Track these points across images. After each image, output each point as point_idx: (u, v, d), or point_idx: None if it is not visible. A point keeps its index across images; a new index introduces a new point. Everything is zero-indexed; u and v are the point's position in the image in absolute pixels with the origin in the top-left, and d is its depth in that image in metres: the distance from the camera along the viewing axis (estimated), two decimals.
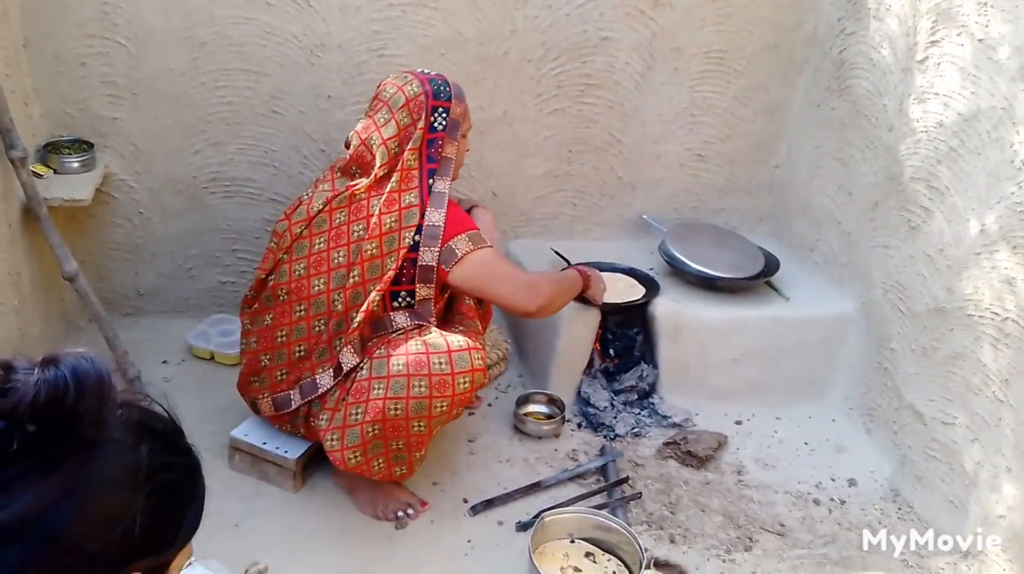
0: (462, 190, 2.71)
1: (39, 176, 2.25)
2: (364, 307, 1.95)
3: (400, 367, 1.87)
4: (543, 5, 2.54)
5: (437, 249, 1.96)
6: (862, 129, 2.55)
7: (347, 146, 2.08)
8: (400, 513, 2.06)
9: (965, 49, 2.13)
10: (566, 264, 2.70)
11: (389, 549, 1.99)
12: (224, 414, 2.26)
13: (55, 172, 2.32)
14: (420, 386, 1.85)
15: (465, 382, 1.89)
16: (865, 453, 2.44)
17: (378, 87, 2.07)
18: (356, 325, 1.95)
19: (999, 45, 2.03)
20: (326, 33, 2.44)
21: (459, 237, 1.98)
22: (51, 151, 2.34)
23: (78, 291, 2.28)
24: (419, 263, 1.97)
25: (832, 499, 2.27)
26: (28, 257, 2.28)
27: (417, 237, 1.96)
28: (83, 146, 2.39)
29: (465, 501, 2.15)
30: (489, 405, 2.53)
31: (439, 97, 2.01)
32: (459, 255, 1.96)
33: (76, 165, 2.34)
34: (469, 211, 2.29)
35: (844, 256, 2.65)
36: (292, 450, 2.09)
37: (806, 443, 2.49)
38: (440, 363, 1.87)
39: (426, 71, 2.06)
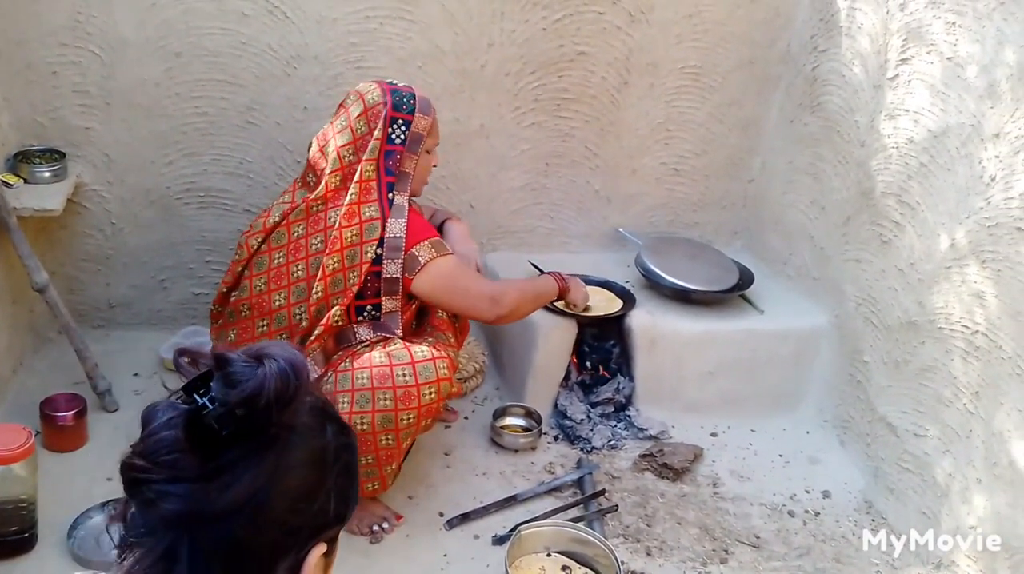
0: (439, 201, 2.71)
1: (9, 186, 2.22)
2: (324, 321, 1.93)
3: (364, 381, 1.85)
4: (520, 19, 2.55)
5: (400, 260, 1.94)
6: (834, 145, 2.58)
7: (309, 149, 2.07)
8: (375, 527, 2.04)
9: (934, 67, 2.17)
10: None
11: (364, 564, 1.97)
12: None
13: (25, 182, 2.28)
14: (385, 399, 1.83)
15: (431, 393, 1.86)
16: (839, 465, 2.46)
17: (347, 94, 2.06)
18: (315, 337, 1.93)
19: (967, 63, 2.07)
20: (303, 44, 2.44)
21: (421, 244, 1.95)
22: (21, 160, 2.30)
23: (48, 302, 2.24)
24: (384, 276, 1.95)
25: (807, 511, 2.29)
26: None
27: (379, 250, 1.94)
28: (54, 156, 2.35)
29: (441, 515, 2.14)
30: (466, 418, 2.52)
31: (399, 109, 1.97)
32: (422, 262, 1.94)
33: (47, 175, 2.30)
34: (443, 224, 2.28)
35: (817, 270, 2.68)
36: None
37: (781, 455, 2.51)
38: (404, 375, 1.85)
39: (394, 81, 2.05)
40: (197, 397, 0.78)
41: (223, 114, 2.48)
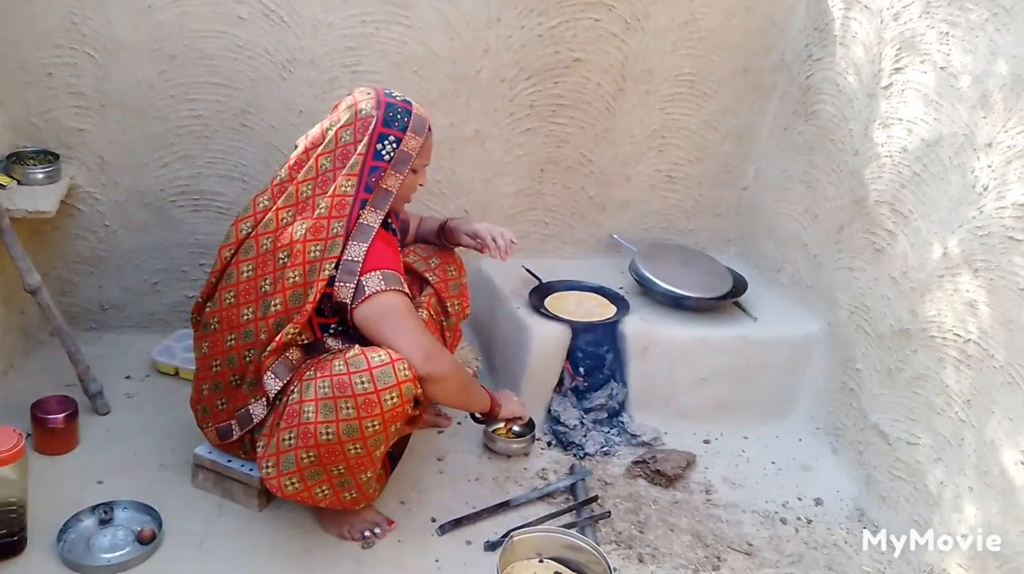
0: (433, 206, 2.72)
1: (2, 187, 2.22)
2: (279, 338, 1.87)
3: (326, 390, 1.78)
4: (516, 25, 2.56)
5: (353, 286, 1.85)
6: (828, 153, 2.59)
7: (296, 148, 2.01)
8: (367, 532, 2.03)
9: (928, 77, 2.19)
10: (537, 282, 2.71)
11: (355, 569, 1.96)
12: (187, 431, 2.21)
13: (19, 183, 2.27)
14: (347, 408, 1.77)
15: (393, 397, 1.78)
16: (831, 473, 2.46)
17: (342, 98, 2.00)
18: (268, 352, 1.87)
19: (960, 74, 2.08)
20: (298, 48, 2.44)
21: (373, 274, 1.85)
22: (15, 162, 2.29)
23: (40, 304, 2.23)
24: (334, 298, 1.87)
25: (799, 518, 2.29)
26: None
27: (335, 271, 1.86)
28: (48, 157, 2.35)
29: (433, 520, 2.13)
30: (459, 423, 2.52)
31: (390, 125, 1.89)
32: (367, 293, 1.83)
33: (41, 176, 2.30)
34: (444, 224, 2.27)
35: (810, 278, 2.69)
36: (256, 468, 2.05)
37: (773, 462, 2.51)
38: (362, 382, 1.77)
39: (393, 93, 1.95)
40: None
41: (218, 117, 2.48)
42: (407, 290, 1.91)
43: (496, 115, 2.68)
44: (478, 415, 2.23)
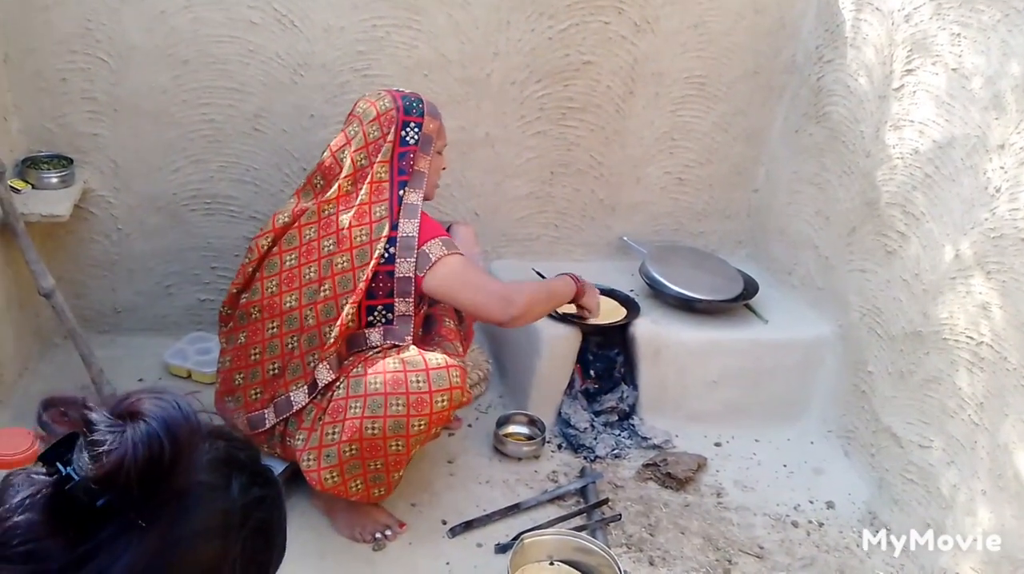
0: (444, 209, 2.72)
1: (17, 191, 2.23)
2: (339, 322, 1.94)
3: (377, 385, 1.86)
4: (526, 28, 2.56)
5: (413, 259, 1.96)
6: (839, 155, 2.59)
7: (323, 155, 2.10)
8: (378, 535, 2.04)
9: (939, 78, 2.18)
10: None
11: (367, 571, 1.97)
12: None
13: (33, 187, 2.29)
14: (397, 405, 1.84)
15: (443, 400, 1.87)
16: (843, 475, 2.45)
17: (354, 104, 2.09)
18: (332, 340, 1.94)
19: (972, 75, 2.07)
20: (310, 52, 2.45)
21: (432, 242, 1.98)
22: (30, 166, 2.31)
23: (54, 308, 2.25)
24: (396, 275, 1.96)
25: (810, 521, 2.28)
26: (3, 273, 2.26)
27: (392, 249, 1.96)
28: (62, 162, 2.37)
29: (444, 522, 2.13)
30: (469, 426, 2.52)
31: (410, 112, 2.03)
32: (433, 259, 1.96)
33: (55, 181, 2.32)
34: (448, 228, 2.29)
35: (821, 280, 2.68)
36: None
37: (785, 465, 2.50)
38: (418, 381, 1.85)
39: (400, 89, 2.09)
40: (60, 466, 0.66)
41: (230, 121, 2.50)
42: (461, 251, 2.03)
43: (506, 118, 2.69)
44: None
